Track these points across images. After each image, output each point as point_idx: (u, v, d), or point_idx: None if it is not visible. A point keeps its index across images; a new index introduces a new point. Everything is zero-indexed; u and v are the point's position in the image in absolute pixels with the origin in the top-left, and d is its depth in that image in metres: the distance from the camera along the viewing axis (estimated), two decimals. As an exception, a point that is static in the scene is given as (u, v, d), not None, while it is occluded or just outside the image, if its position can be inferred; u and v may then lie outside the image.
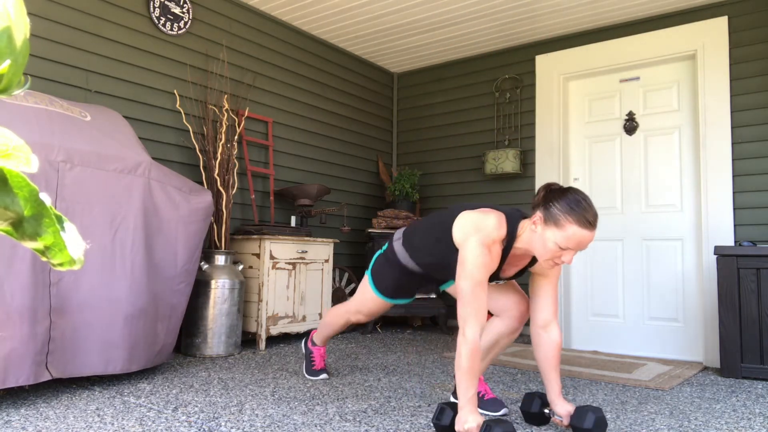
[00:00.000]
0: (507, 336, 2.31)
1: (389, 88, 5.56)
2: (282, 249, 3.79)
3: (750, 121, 3.73)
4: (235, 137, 3.84)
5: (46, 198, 0.36)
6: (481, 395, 2.36)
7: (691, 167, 4.00)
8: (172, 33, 3.68)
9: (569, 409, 2.05)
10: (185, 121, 3.74)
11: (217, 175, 3.65)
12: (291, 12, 4.30)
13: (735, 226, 3.71)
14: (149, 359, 2.71)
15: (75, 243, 0.37)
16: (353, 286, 4.74)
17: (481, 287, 1.99)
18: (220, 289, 3.36)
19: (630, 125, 4.27)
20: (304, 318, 3.95)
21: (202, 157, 3.73)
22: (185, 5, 3.75)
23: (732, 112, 3.78)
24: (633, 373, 3.20)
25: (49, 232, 0.34)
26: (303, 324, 3.94)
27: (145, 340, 2.66)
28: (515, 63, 4.81)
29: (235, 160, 3.88)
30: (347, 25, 4.51)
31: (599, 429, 1.93)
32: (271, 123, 4.32)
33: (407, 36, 4.68)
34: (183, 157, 3.74)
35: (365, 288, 2.55)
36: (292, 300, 3.85)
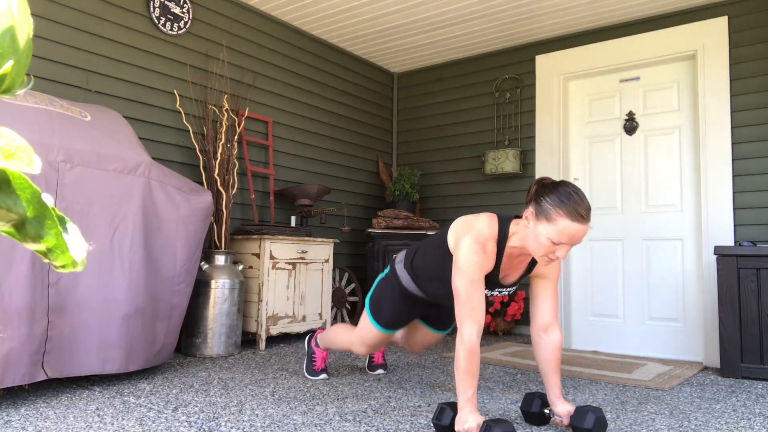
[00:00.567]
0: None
1: (389, 88, 5.56)
2: (282, 249, 3.79)
3: (750, 121, 3.73)
4: (235, 137, 3.84)
5: (48, 199, 0.36)
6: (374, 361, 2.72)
7: (691, 167, 4.00)
8: (172, 33, 3.68)
9: (569, 409, 2.05)
10: (185, 121, 3.74)
11: (217, 175, 3.65)
12: (291, 12, 4.30)
13: (735, 226, 3.71)
14: (148, 359, 2.71)
15: (77, 245, 0.37)
16: (353, 286, 4.74)
17: (476, 287, 1.98)
18: (220, 289, 3.36)
19: (630, 125, 4.27)
20: (304, 318, 3.95)
21: (202, 157, 3.73)
22: (185, 5, 3.75)
23: (732, 112, 3.78)
24: (633, 373, 3.20)
25: (52, 234, 0.34)
26: (303, 324, 3.94)
27: (144, 339, 2.66)
28: (515, 63, 4.81)
29: (235, 160, 3.88)
30: (347, 25, 4.51)
31: (599, 429, 1.93)
32: (271, 123, 4.32)
33: (407, 36, 4.68)
34: (183, 157, 3.74)
35: (363, 318, 2.50)
36: (292, 300, 3.85)
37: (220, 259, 3.47)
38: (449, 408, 1.97)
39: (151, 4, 3.57)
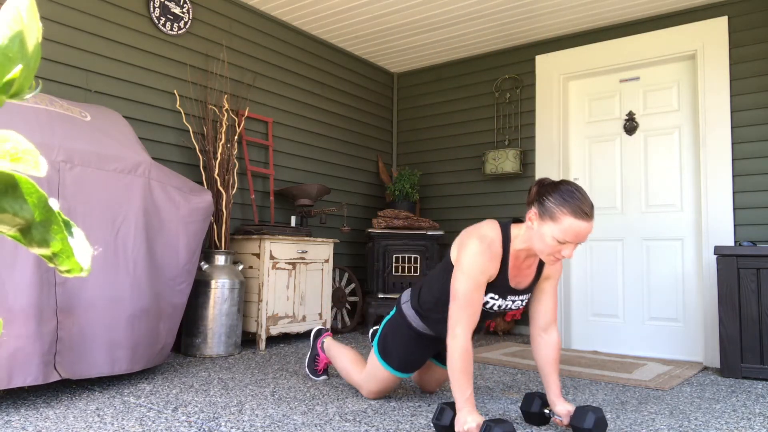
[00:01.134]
0: None
1: (389, 88, 5.56)
2: (282, 249, 3.79)
3: (750, 121, 3.73)
4: (235, 137, 3.84)
5: (54, 204, 0.36)
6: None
7: (691, 167, 4.00)
8: (172, 33, 3.68)
9: (569, 409, 2.05)
10: (185, 121, 3.74)
11: (217, 175, 3.65)
12: (291, 12, 4.30)
13: (735, 226, 3.71)
14: (151, 359, 2.71)
15: (83, 250, 0.37)
16: (353, 286, 4.75)
17: (477, 290, 1.96)
18: (220, 289, 3.36)
19: (630, 125, 4.27)
20: (304, 318, 3.95)
21: (202, 157, 3.73)
22: (185, 5, 3.75)
23: (732, 112, 3.78)
24: (633, 373, 3.20)
25: (57, 238, 0.34)
26: (303, 324, 3.94)
27: (148, 339, 2.66)
28: (515, 63, 4.81)
29: (235, 160, 3.88)
30: (347, 25, 4.51)
31: (599, 429, 1.94)
32: (271, 123, 4.32)
33: (407, 36, 4.68)
34: (183, 157, 3.73)
35: (373, 362, 2.39)
36: (292, 300, 3.85)
37: (220, 259, 3.47)
38: (449, 408, 1.97)
39: (151, 4, 3.57)
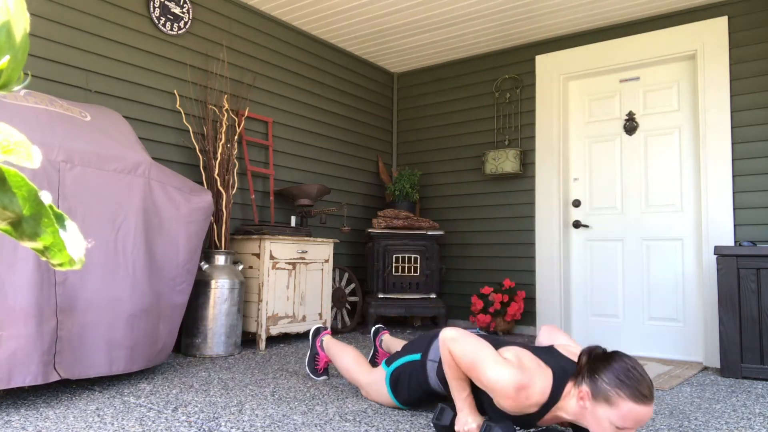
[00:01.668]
0: None
1: (389, 88, 5.56)
2: (282, 249, 3.79)
3: (750, 121, 3.72)
4: (235, 137, 3.84)
5: (46, 197, 0.36)
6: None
7: (691, 167, 4.00)
8: (172, 33, 3.68)
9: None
10: (185, 121, 3.74)
11: (217, 175, 3.65)
12: (291, 12, 4.30)
13: (735, 226, 3.71)
14: (150, 359, 2.71)
15: (75, 243, 0.36)
16: (353, 286, 4.74)
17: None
18: (220, 289, 3.36)
19: (630, 125, 4.26)
20: (304, 318, 3.95)
21: (202, 157, 3.73)
22: (185, 5, 3.75)
23: (732, 112, 3.78)
24: (633, 373, 3.19)
25: (48, 231, 0.34)
26: (303, 324, 3.94)
27: (146, 339, 2.66)
28: (515, 63, 4.81)
29: (235, 160, 3.88)
30: (347, 25, 4.51)
31: (599, 429, 1.92)
32: (271, 123, 4.32)
33: (407, 36, 4.68)
34: (183, 157, 3.73)
35: (381, 384, 2.34)
36: (292, 300, 3.85)
37: (220, 259, 3.47)
38: (449, 408, 1.97)
39: (151, 4, 3.57)
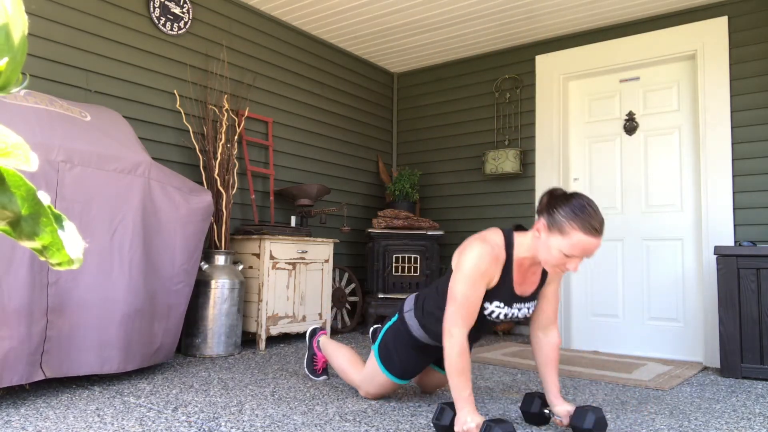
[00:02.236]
0: None
1: (389, 88, 5.56)
2: (282, 249, 3.79)
3: (750, 121, 3.72)
4: (235, 137, 3.84)
5: (44, 197, 0.36)
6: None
7: (691, 167, 4.00)
8: (172, 33, 3.68)
9: (569, 409, 2.05)
10: (185, 121, 3.74)
11: (217, 175, 3.65)
12: (291, 12, 4.30)
13: (735, 226, 3.71)
14: (145, 359, 2.71)
15: (73, 242, 0.36)
16: (353, 286, 4.74)
17: (475, 292, 1.95)
18: (220, 289, 3.36)
19: (630, 125, 4.26)
20: (304, 318, 3.95)
21: (202, 157, 3.73)
22: (185, 5, 3.75)
23: (732, 112, 3.78)
24: (633, 373, 3.19)
25: (47, 231, 0.34)
26: (303, 324, 3.94)
27: (141, 339, 2.66)
28: (515, 63, 4.81)
29: (235, 160, 3.88)
30: (347, 25, 4.51)
31: (599, 429, 1.93)
32: (271, 123, 4.32)
33: (407, 36, 4.68)
34: (183, 157, 3.74)
35: (373, 366, 2.37)
36: (292, 300, 3.85)
37: (220, 259, 3.47)
38: (449, 408, 1.97)
39: (151, 4, 3.57)
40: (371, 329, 2.97)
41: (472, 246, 1.98)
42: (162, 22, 3.62)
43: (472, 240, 2.03)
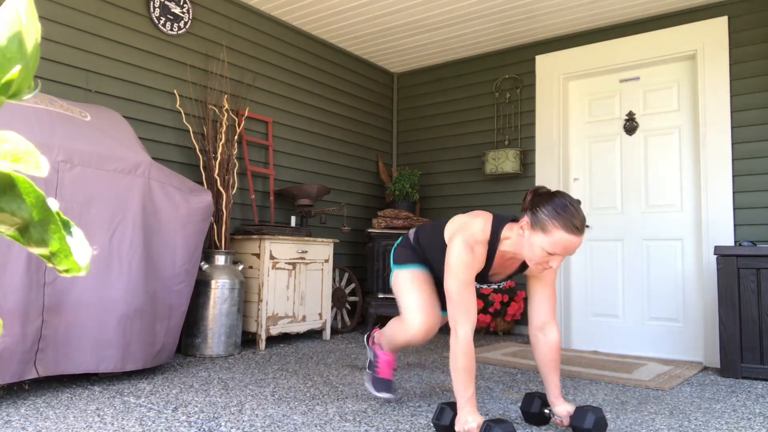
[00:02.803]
0: None
1: (389, 88, 5.56)
2: (282, 249, 3.79)
3: (750, 121, 3.73)
4: (235, 137, 3.84)
5: (53, 204, 0.36)
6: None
7: (691, 167, 4.00)
8: (172, 33, 3.68)
9: (569, 409, 2.05)
10: (185, 121, 3.74)
11: (217, 175, 3.65)
12: (291, 12, 4.30)
13: (735, 226, 3.71)
14: (147, 359, 2.71)
15: (81, 249, 0.37)
16: (353, 286, 4.74)
17: (468, 287, 2.01)
18: (220, 289, 3.36)
19: (630, 125, 4.27)
20: (304, 318, 3.95)
21: (202, 157, 3.73)
22: (185, 5, 3.75)
23: (732, 112, 3.78)
24: (633, 373, 3.20)
25: (55, 238, 0.34)
26: (303, 324, 3.94)
27: (142, 339, 2.66)
28: (515, 63, 4.81)
29: (235, 160, 3.88)
30: (347, 25, 4.51)
31: (599, 429, 1.94)
32: (271, 123, 4.32)
33: (407, 36, 4.68)
34: (183, 157, 3.73)
35: (398, 283, 2.29)
36: (292, 300, 3.85)
37: (220, 259, 3.47)
38: (449, 408, 1.97)
39: (151, 4, 3.57)
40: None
41: (456, 245, 2.02)
42: (162, 22, 3.62)
43: (458, 231, 2.05)
